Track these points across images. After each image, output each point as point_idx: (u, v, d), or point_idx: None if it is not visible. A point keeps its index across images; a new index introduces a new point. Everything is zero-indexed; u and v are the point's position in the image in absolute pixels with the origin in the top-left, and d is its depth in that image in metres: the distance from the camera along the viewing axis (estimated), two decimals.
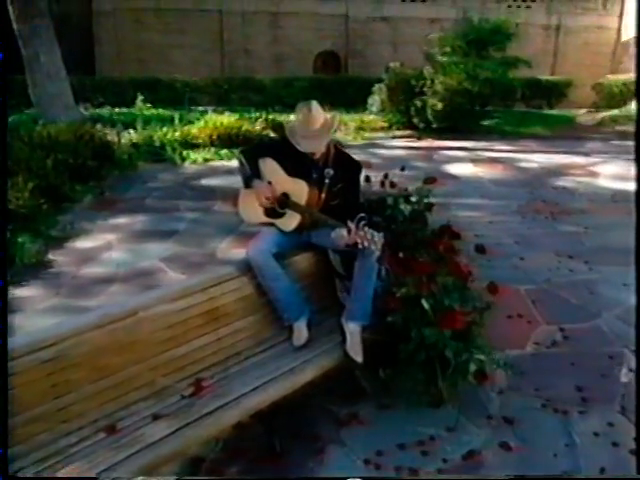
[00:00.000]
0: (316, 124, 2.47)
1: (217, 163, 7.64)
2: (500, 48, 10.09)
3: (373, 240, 2.21)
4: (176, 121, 8.64)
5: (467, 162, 7.74)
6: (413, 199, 2.90)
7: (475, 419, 2.49)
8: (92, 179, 6.06)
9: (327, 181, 2.54)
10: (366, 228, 2.23)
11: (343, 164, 2.60)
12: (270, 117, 9.23)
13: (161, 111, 9.94)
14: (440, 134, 9.38)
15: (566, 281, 3.91)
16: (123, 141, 7.52)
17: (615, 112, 11.90)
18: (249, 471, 2.24)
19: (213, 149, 7.97)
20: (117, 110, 10.17)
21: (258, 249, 2.49)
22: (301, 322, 2.52)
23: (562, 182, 6.78)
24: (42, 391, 1.91)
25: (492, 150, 8.59)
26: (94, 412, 2.00)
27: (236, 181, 6.65)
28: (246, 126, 8.45)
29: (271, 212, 2.64)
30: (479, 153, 8.26)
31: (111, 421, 2.00)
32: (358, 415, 2.52)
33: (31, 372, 1.86)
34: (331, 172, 2.54)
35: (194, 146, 8.00)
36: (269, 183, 2.62)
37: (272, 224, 2.63)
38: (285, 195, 2.59)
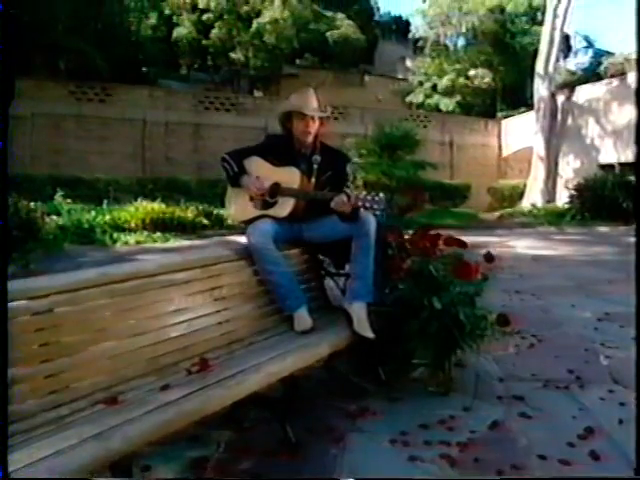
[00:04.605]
0: (315, 98, 2.61)
1: (150, 245, 7.42)
2: (409, 152, 11.34)
3: (374, 200, 2.26)
4: (104, 207, 8.42)
5: None
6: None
7: (487, 400, 2.42)
8: (16, 250, 5.56)
9: (315, 167, 2.60)
10: (365, 192, 2.30)
11: (330, 154, 2.68)
12: (200, 207, 9.31)
13: (82, 205, 9.61)
14: None
15: (522, 307, 4.13)
16: (48, 224, 7.12)
17: (509, 210, 13.56)
18: (261, 468, 1.93)
19: (145, 232, 7.78)
20: (33, 204, 9.70)
21: (258, 233, 2.41)
22: (302, 310, 2.39)
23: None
24: (28, 350, 1.59)
25: None
26: (88, 383, 1.68)
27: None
28: (178, 212, 8.44)
29: (262, 204, 2.61)
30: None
31: (110, 394, 1.69)
32: (369, 408, 2.34)
33: (17, 324, 1.56)
34: (318, 159, 2.61)
35: (125, 230, 7.76)
36: (257, 178, 2.63)
37: (264, 217, 2.59)
38: (276, 184, 2.59)
